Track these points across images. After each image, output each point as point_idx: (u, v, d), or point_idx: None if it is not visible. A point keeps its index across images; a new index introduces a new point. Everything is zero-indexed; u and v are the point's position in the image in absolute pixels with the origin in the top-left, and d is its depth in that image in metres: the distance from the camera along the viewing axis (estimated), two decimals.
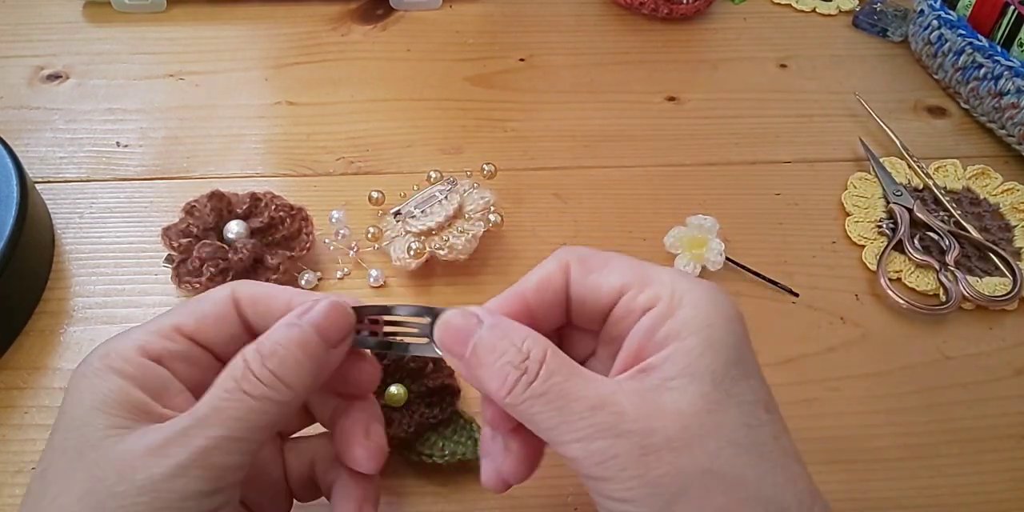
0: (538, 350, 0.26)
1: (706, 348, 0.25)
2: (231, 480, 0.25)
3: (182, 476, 0.24)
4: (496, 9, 0.63)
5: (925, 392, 0.42)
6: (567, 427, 0.25)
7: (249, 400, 0.26)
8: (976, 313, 0.45)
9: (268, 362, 0.26)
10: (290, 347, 0.27)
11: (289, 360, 0.26)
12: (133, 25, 0.60)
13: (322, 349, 0.27)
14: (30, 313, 0.43)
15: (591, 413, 0.24)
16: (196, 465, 0.24)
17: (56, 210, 0.48)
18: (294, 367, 0.26)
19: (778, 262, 0.47)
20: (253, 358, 0.26)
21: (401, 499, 0.37)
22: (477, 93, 0.57)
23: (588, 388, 0.25)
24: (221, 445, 0.25)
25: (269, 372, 0.26)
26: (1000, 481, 0.39)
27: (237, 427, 0.25)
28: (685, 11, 0.61)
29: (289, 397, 0.26)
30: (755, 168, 0.53)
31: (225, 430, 0.25)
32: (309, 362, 0.27)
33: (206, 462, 0.24)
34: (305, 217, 0.45)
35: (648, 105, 0.56)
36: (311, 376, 0.27)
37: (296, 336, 0.27)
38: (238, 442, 0.25)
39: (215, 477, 0.25)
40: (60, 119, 0.53)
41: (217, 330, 0.29)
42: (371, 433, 0.30)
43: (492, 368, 0.26)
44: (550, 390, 0.25)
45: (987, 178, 0.52)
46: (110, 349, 0.27)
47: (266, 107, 0.55)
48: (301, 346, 0.27)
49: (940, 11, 0.56)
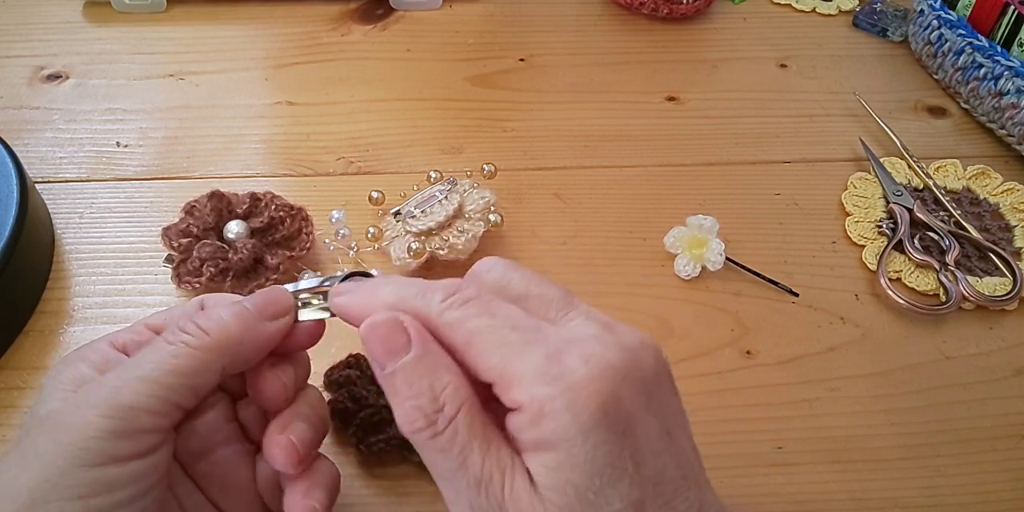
0: (452, 407, 0.25)
1: (565, 464, 0.24)
2: (143, 424, 0.26)
3: (90, 416, 0.25)
4: (496, 9, 0.63)
5: (925, 392, 0.42)
6: (453, 493, 0.25)
7: (165, 346, 0.27)
8: (976, 313, 0.45)
9: (196, 318, 0.28)
10: (221, 310, 0.29)
11: (213, 315, 0.28)
12: (133, 25, 0.60)
13: (250, 316, 0.29)
14: (30, 313, 0.43)
15: (476, 491, 0.25)
16: (104, 405, 0.25)
17: (56, 210, 0.48)
18: (216, 320, 0.28)
19: (778, 262, 0.47)
20: (182, 316, 0.29)
21: (401, 499, 0.37)
22: (477, 93, 0.57)
23: (486, 458, 0.25)
24: (130, 386, 0.26)
25: (194, 325, 0.28)
26: (1000, 481, 0.39)
27: (149, 369, 0.26)
28: (685, 11, 0.61)
29: (206, 344, 0.27)
30: (755, 168, 0.53)
31: (135, 372, 0.26)
32: (234, 320, 0.28)
33: (114, 401, 0.25)
34: (305, 217, 0.45)
35: (648, 105, 0.56)
36: (234, 332, 0.28)
37: (227, 304, 0.29)
38: (148, 383, 0.26)
39: (124, 417, 0.25)
40: (60, 119, 0.53)
41: None
42: (288, 430, 0.30)
43: (403, 404, 0.25)
44: (450, 448, 0.25)
45: (987, 178, 0.52)
46: (84, 345, 0.30)
47: (266, 107, 0.55)
48: (228, 308, 0.29)
49: (940, 11, 0.56)
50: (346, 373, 0.39)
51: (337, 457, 0.38)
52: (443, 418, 0.25)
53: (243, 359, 0.29)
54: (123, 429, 0.25)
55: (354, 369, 0.39)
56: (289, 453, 0.29)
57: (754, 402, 0.41)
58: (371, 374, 0.39)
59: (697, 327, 0.44)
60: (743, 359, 0.43)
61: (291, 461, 0.29)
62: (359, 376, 0.39)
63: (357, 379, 0.39)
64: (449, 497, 0.25)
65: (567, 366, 0.24)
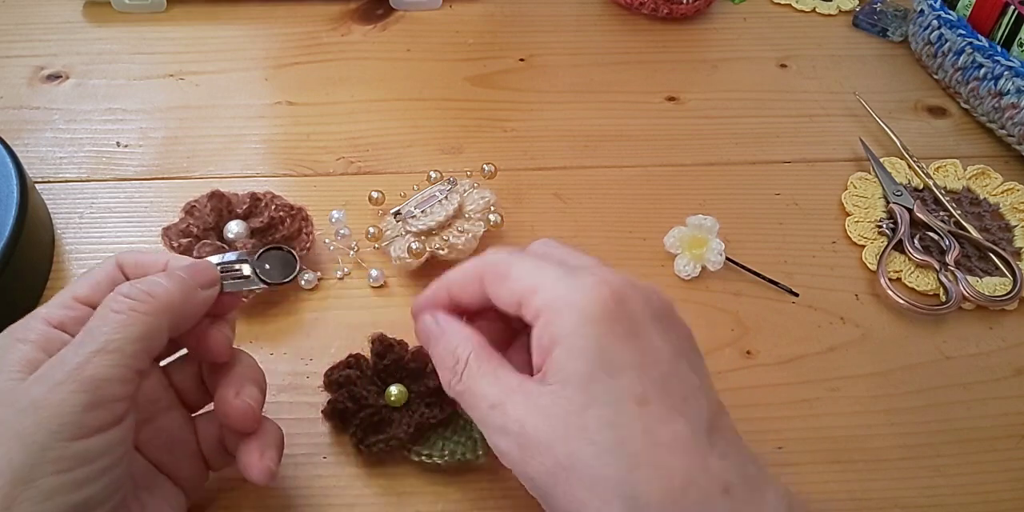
0: (463, 352, 0.30)
1: (570, 355, 0.28)
2: (112, 393, 0.27)
3: (59, 392, 0.26)
4: (496, 9, 0.63)
5: (925, 392, 0.42)
6: (487, 432, 0.29)
7: (116, 316, 0.28)
8: (976, 313, 0.45)
9: (137, 284, 0.29)
10: (158, 277, 0.30)
11: (155, 281, 0.30)
12: (133, 25, 0.60)
13: (187, 283, 0.31)
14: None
15: (489, 412, 0.29)
16: (72, 380, 0.26)
17: (56, 210, 0.48)
18: (159, 285, 0.29)
19: (778, 262, 0.47)
20: (124, 284, 0.30)
21: (401, 499, 0.37)
22: (477, 93, 0.57)
23: (493, 387, 0.29)
24: (93, 359, 0.27)
25: (137, 289, 0.29)
26: (1000, 481, 0.39)
27: (106, 340, 0.27)
28: (685, 11, 0.61)
29: (154, 308, 0.29)
30: (755, 168, 0.53)
31: (95, 345, 0.27)
32: (174, 284, 0.30)
33: (81, 376, 0.26)
34: (305, 217, 0.45)
35: (648, 105, 0.56)
36: (177, 295, 0.30)
37: (165, 273, 0.31)
38: (109, 354, 0.27)
39: (93, 388, 0.26)
40: (60, 119, 0.53)
41: (109, 292, 0.31)
42: (242, 393, 0.32)
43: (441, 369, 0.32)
44: (465, 390, 0.30)
45: (987, 178, 0.52)
46: (18, 324, 0.30)
47: (266, 107, 0.55)
48: (167, 275, 0.30)
49: (940, 11, 0.56)
50: (346, 373, 0.39)
51: (337, 457, 0.38)
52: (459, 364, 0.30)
53: (183, 323, 0.31)
54: (96, 401, 0.26)
55: (354, 369, 0.39)
56: (247, 413, 0.32)
57: (754, 402, 0.41)
58: (371, 374, 0.39)
59: (697, 327, 0.43)
60: (743, 359, 0.43)
61: (250, 420, 0.32)
62: (359, 376, 0.39)
63: (357, 379, 0.39)
64: (490, 440, 0.29)
65: (581, 278, 0.29)
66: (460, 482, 0.38)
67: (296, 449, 0.38)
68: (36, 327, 0.29)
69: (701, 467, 0.27)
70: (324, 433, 0.39)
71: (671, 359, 0.29)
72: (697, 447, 0.27)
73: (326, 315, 0.44)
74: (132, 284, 0.29)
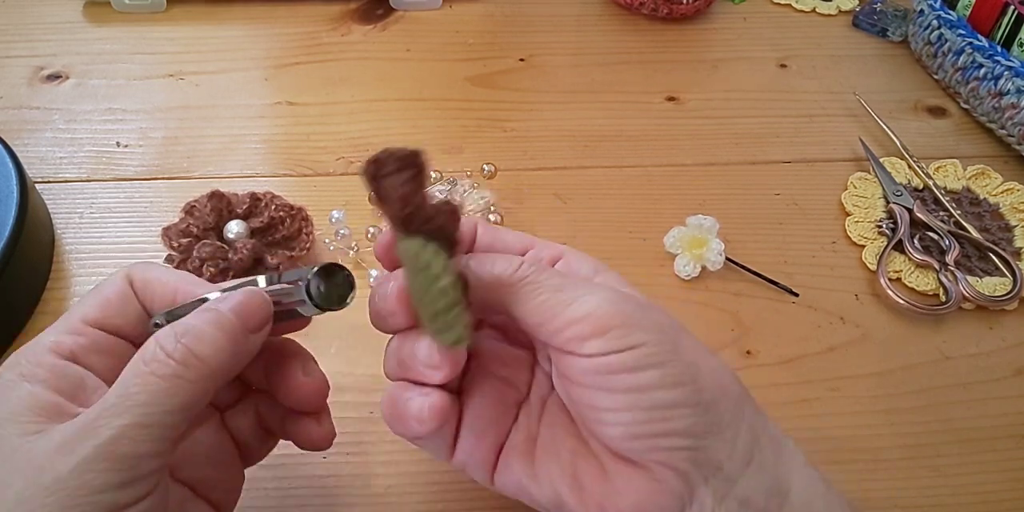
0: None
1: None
2: (146, 469, 0.24)
3: (89, 471, 0.23)
4: (496, 9, 0.63)
5: (925, 392, 0.42)
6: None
7: (158, 382, 0.24)
8: (976, 313, 0.45)
9: (183, 338, 0.25)
10: (205, 327, 0.26)
11: (205, 336, 0.25)
12: (133, 25, 0.60)
13: (239, 331, 0.26)
14: (30, 313, 0.43)
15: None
16: (103, 458, 0.23)
17: (56, 210, 0.48)
18: (210, 342, 0.25)
19: (778, 262, 0.47)
20: (166, 336, 0.25)
21: (401, 499, 0.37)
22: (477, 93, 0.57)
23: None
24: (129, 434, 0.23)
25: (183, 347, 0.25)
26: (1000, 481, 0.39)
27: (145, 413, 0.24)
28: (685, 11, 0.61)
29: (202, 374, 0.25)
30: (755, 168, 0.53)
31: (132, 418, 0.24)
32: (226, 340, 0.26)
33: (114, 453, 0.23)
34: (305, 217, 0.45)
35: (648, 105, 0.56)
36: (228, 355, 0.26)
37: (212, 317, 0.26)
38: (147, 429, 0.24)
39: (127, 468, 0.23)
40: (60, 119, 0.53)
41: (122, 313, 0.28)
42: (308, 370, 0.30)
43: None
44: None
45: (987, 178, 0.52)
46: (20, 357, 0.27)
47: (266, 107, 0.55)
48: (217, 324, 0.26)
49: (940, 11, 0.56)
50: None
51: (337, 457, 0.38)
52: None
53: (230, 376, 0.27)
54: (128, 479, 0.24)
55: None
56: (322, 389, 0.30)
57: None
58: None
59: (697, 327, 0.44)
60: (743, 359, 0.43)
61: (324, 396, 0.30)
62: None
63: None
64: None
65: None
66: (460, 482, 0.38)
67: (296, 449, 0.38)
68: (44, 361, 0.26)
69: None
70: None
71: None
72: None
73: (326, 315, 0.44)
74: (176, 336, 0.25)
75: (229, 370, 0.26)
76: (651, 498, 0.26)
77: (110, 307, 0.28)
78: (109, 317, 0.28)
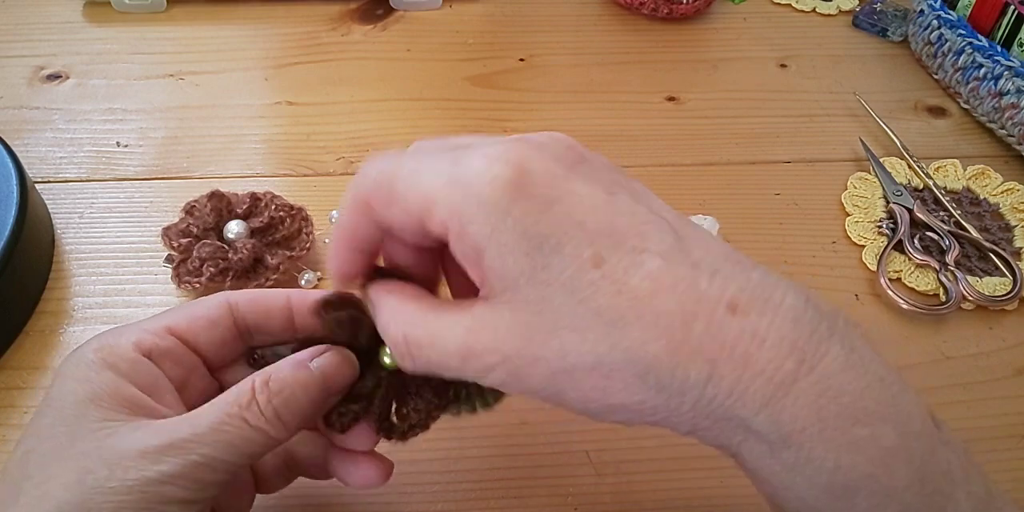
0: (396, 333, 0.26)
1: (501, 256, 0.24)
2: (210, 494, 0.26)
3: (171, 483, 0.25)
4: (496, 9, 0.63)
5: (925, 392, 0.42)
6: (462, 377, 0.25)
7: (248, 429, 0.26)
8: (976, 313, 0.45)
9: (274, 399, 0.27)
10: (296, 389, 0.27)
11: (292, 401, 0.27)
12: (133, 25, 0.60)
13: (323, 396, 0.28)
14: (30, 313, 0.43)
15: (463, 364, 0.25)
16: (185, 476, 0.25)
17: (56, 210, 0.48)
18: (295, 409, 0.27)
19: (778, 262, 0.47)
20: (261, 390, 0.27)
21: (401, 499, 0.37)
22: (477, 93, 0.57)
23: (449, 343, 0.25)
24: (211, 463, 0.26)
25: (273, 409, 0.27)
26: (1000, 481, 0.38)
27: (229, 451, 0.26)
28: (685, 11, 0.61)
29: (284, 435, 0.27)
30: (755, 168, 0.53)
31: (218, 452, 0.26)
32: (310, 406, 0.28)
33: (194, 475, 0.25)
34: (305, 217, 0.46)
35: (648, 105, 0.56)
36: (309, 418, 0.28)
37: (304, 379, 0.28)
38: (224, 463, 0.26)
39: (198, 489, 0.26)
40: (60, 119, 0.53)
41: (208, 333, 0.30)
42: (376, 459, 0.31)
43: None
44: (427, 365, 0.26)
45: (987, 178, 0.52)
46: (104, 343, 0.28)
47: (266, 107, 0.55)
48: (306, 390, 0.28)
49: (940, 11, 0.56)
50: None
51: None
52: (401, 347, 0.26)
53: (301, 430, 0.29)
54: (194, 499, 0.26)
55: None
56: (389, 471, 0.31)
57: None
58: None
59: None
60: None
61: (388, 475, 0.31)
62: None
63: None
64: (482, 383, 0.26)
65: (468, 165, 0.24)
66: (460, 481, 0.38)
67: None
68: (126, 354, 0.28)
69: (693, 298, 0.23)
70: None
71: (606, 201, 0.25)
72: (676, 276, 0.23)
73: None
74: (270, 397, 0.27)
75: (304, 428, 0.29)
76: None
77: (198, 324, 0.29)
78: (194, 332, 0.29)
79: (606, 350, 0.23)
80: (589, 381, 0.23)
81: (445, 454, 0.38)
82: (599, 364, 0.23)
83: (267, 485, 0.33)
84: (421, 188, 0.25)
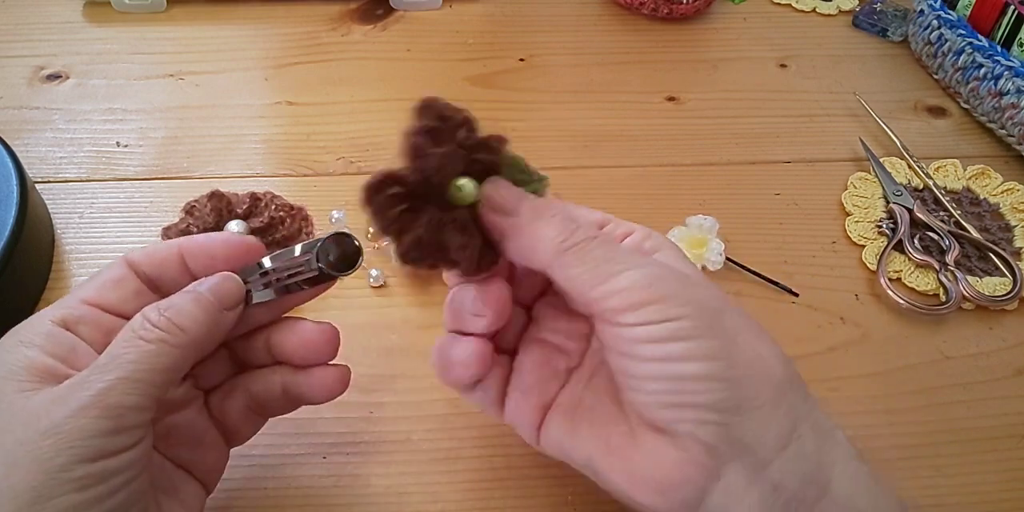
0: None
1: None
2: (132, 421, 0.27)
3: (82, 417, 0.26)
4: (496, 9, 0.63)
5: (925, 392, 0.42)
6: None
7: (143, 344, 0.28)
8: (976, 313, 0.45)
9: (165, 312, 0.29)
10: (186, 302, 0.29)
11: (184, 309, 0.29)
12: (133, 25, 0.60)
13: (215, 307, 0.30)
14: (30, 313, 0.42)
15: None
16: (95, 405, 0.26)
17: (56, 210, 0.48)
18: (188, 315, 0.29)
19: (778, 262, 0.47)
20: (151, 309, 0.29)
21: (401, 499, 0.37)
22: (477, 93, 0.57)
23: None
24: (118, 386, 0.26)
25: (165, 319, 0.28)
26: (1000, 481, 0.39)
27: (133, 369, 0.27)
28: (685, 11, 0.61)
29: (183, 341, 0.28)
30: (755, 168, 0.53)
31: (121, 373, 0.27)
32: (203, 314, 0.29)
33: (104, 402, 0.26)
34: (305, 217, 0.46)
35: (648, 105, 0.56)
36: (205, 327, 0.29)
37: (192, 296, 0.30)
38: (135, 383, 0.27)
39: (115, 416, 0.26)
40: (60, 119, 0.53)
41: (117, 293, 0.31)
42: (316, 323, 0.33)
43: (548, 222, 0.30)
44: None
45: (987, 178, 0.52)
46: (19, 326, 0.30)
47: (266, 107, 0.55)
48: (196, 301, 0.29)
49: (940, 11, 0.56)
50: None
51: (337, 457, 0.38)
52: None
53: (209, 347, 0.30)
54: (118, 427, 0.26)
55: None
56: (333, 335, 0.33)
57: None
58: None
59: None
60: None
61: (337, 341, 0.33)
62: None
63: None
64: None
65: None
66: (460, 481, 0.38)
67: (295, 449, 0.38)
68: (41, 328, 0.29)
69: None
70: (324, 433, 0.39)
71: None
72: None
73: (325, 315, 0.43)
74: (161, 311, 0.29)
75: (207, 340, 0.30)
76: (677, 467, 0.27)
77: (106, 287, 0.31)
78: (104, 295, 0.30)
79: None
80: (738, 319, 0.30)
81: (444, 454, 0.38)
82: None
83: (237, 436, 0.33)
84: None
